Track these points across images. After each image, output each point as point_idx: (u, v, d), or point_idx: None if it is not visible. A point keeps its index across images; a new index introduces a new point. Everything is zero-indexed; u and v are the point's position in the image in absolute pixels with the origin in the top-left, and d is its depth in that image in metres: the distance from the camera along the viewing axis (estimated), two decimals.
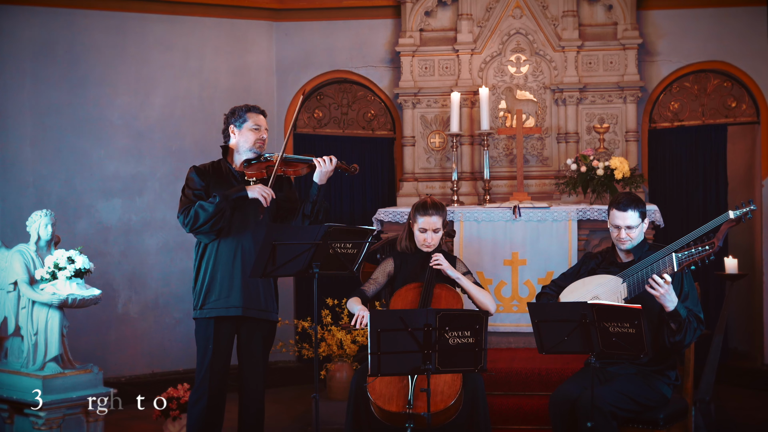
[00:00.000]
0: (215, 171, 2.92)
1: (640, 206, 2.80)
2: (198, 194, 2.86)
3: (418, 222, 3.01)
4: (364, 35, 4.86)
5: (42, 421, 3.11)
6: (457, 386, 2.72)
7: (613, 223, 2.81)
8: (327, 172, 2.83)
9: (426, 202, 3.03)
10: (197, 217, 2.79)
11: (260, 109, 2.96)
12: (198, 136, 4.77)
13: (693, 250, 2.61)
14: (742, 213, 2.79)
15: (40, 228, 3.28)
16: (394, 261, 3.09)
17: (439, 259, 2.99)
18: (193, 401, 2.89)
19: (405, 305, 2.93)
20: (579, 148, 4.62)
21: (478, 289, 3.04)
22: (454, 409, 2.74)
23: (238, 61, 4.83)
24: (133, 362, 4.54)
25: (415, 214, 3.02)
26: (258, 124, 2.91)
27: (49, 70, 4.40)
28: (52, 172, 4.41)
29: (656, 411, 2.76)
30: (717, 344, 3.72)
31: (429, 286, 2.94)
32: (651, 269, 2.67)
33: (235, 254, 2.83)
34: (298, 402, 4.28)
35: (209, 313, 2.86)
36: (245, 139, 2.90)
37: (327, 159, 2.82)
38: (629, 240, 2.78)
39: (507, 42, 4.72)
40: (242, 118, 2.91)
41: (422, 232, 3.00)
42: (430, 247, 3.01)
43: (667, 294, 2.62)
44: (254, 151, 2.91)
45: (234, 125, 2.93)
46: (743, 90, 4.68)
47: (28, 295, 3.21)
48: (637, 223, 2.78)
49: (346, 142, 4.95)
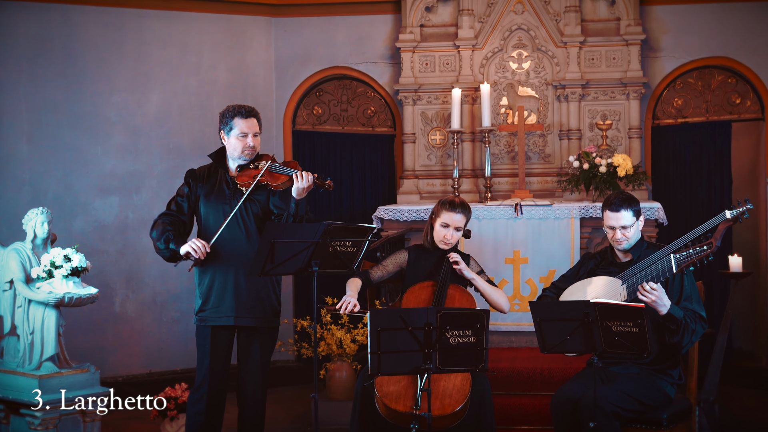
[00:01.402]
0: (210, 177, 2.89)
1: (633, 205, 2.78)
2: (180, 201, 2.88)
3: (442, 216, 2.99)
4: (363, 31, 4.83)
5: (38, 421, 3.08)
6: (466, 390, 2.72)
7: (608, 224, 2.79)
8: (304, 188, 2.76)
9: (454, 200, 3.02)
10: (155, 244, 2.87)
11: (248, 111, 2.84)
12: (196, 133, 4.74)
13: (691, 250, 2.60)
14: (739, 212, 2.80)
15: (36, 226, 3.25)
16: (409, 255, 3.06)
17: (457, 258, 2.97)
18: (192, 402, 2.89)
19: (418, 303, 2.90)
20: (581, 145, 4.60)
21: (493, 289, 3.03)
22: (462, 413, 2.72)
23: (237, 57, 4.80)
24: (130, 362, 4.52)
25: (441, 209, 3.00)
26: (245, 131, 2.82)
27: (45, 66, 4.38)
28: (49, 170, 4.39)
29: (659, 411, 2.74)
30: (721, 343, 3.70)
31: (443, 285, 2.92)
32: (650, 270, 2.66)
33: (229, 265, 2.82)
34: (298, 402, 4.27)
35: (204, 321, 2.86)
36: (233, 148, 2.85)
37: (304, 174, 2.75)
38: (625, 240, 2.77)
39: (508, 38, 4.69)
40: (229, 125, 2.84)
41: (444, 227, 2.98)
42: (449, 245, 2.99)
43: (658, 300, 2.61)
44: (244, 159, 2.85)
45: (223, 131, 2.88)
46: (748, 86, 4.65)
47: (24, 293, 3.19)
48: (632, 222, 2.76)
49: (346, 139, 4.93)
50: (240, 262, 2.80)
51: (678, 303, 2.72)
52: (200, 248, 2.76)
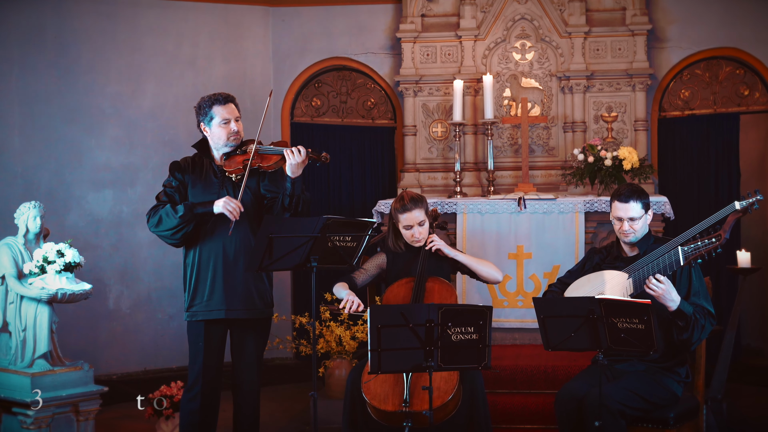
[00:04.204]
0: (195, 166, 2.82)
1: (642, 197, 2.75)
2: (170, 192, 2.78)
3: (400, 220, 2.95)
4: (363, 21, 4.80)
5: (31, 420, 3.06)
6: (453, 382, 2.68)
7: (616, 216, 2.75)
8: (298, 163, 2.69)
9: (402, 197, 2.97)
10: (161, 222, 2.74)
11: (225, 97, 2.78)
12: (191, 126, 4.61)
13: (699, 243, 2.56)
14: (749, 203, 2.76)
15: (28, 220, 3.24)
16: (387, 256, 3.05)
17: (434, 239, 2.93)
18: (186, 400, 2.84)
19: (397, 302, 2.88)
20: (586, 137, 4.56)
21: (479, 261, 2.98)
22: (452, 405, 2.69)
23: (233, 47, 4.76)
24: (124, 359, 4.51)
25: (396, 213, 2.96)
26: (226, 117, 2.76)
27: (37, 57, 4.35)
28: (41, 163, 4.36)
29: (666, 410, 2.71)
30: (729, 341, 3.64)
31: (421, 280, 2.89)
32: (657, 264, 2.62)
33: (217, 256, 2.77)
34: (296, 400, 4.22)
35: (194, 316, 2.81)
36: (218, 137, 2.78)
37: (296, 150, 2.68)
38: (632, 232, 2.73)
39: (512, 28, 4.63)
40: (208, 115, 2.77)
41: (407, 229, 2.94)
42: (421, 242, 2.95)
43: (666, 294, 2.57)
44: (230, 145, 2.80)
45: (203, 122, 2.80)
46: (756, 77, 4.60)
47: (16, 289, 3.17)
48: (640, 214, 2.73)
49: (345, 132, 4.88)
50: (230, 250, 2.75)
51: (686, 298, 2.68)
52: (236, 209, 2.66)
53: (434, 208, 3.14)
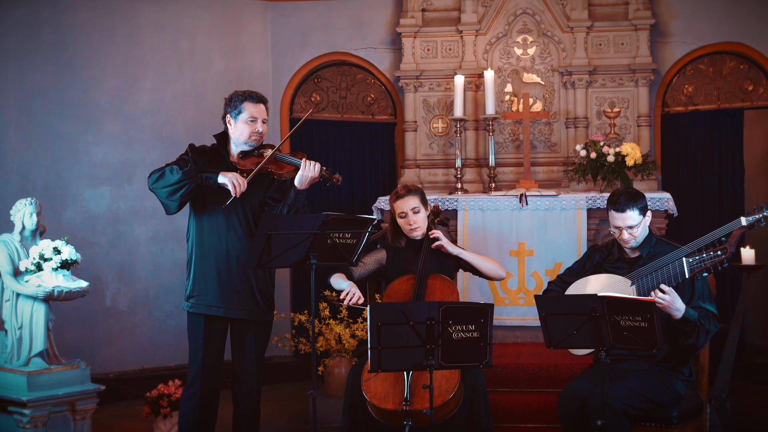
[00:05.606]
0: (211, 154, 2.81)
1: (639, 202, 2.72)
2: (185, 158, 2.73)
3: (395, 209, 2.96)
4: (363, 15, 4.77)
5: (27, 419, 3.05)
6: (455, 380, 2.67)
7: (614, 225, 2.75)
8: (309, 177, 2.70)
9: (397, 188, 2.99)
10: (162, 176, 2.68)
11: (258, 97, 2.81)
12: (190, 121, 4.64)
13: (704, 255, 2.55)
14: (755, 219, 2.75)
15: (24, 217, 3.23)
16: (387, 252, 3.04)
17: (437, 234, 2.93)
18: (184, 399, 2.83)
19: (398, 299, 2.87)
20: (588, 133, 4.52)
21: (482, 258, 2.99)
22: (453, 404, 2.69)
23: (232, 42, 4.72)
24: (121, 357, 4.49)
25: (391, 204, 2.98)
26: (254, 116, 2.77)
27: (34, 51, 4.32)
28: (37, 159, 4.34)
29: (669, 409, 2.70)
30: (733, 339, 3.62)
31: (422, 276, 2.87)
32: (661, 273, 2.60)
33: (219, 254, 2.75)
34: (295, 399, 4.20)
35: (194, 308, 2.80)
36: (240, 132, 2.78)
37: (312, 164, 2.69)
38: (633, 239, 2.72)
39: (513, 22, 4.59)
40: (237, 109, 2.78)
41: (402, 216, 2.94)
42: (417, 230, 2.94)
43: (671, 304, 2.57)
44: (250, 144, 2.80)
45: (230, 115, 2.80)
46: (761, 73, 4.57)
47: (12, 287, 3.16)
48: (638, 221, 2.71)
49: (345, 127, 4.86)
50: (233, 251, 2.74)
51: (690, 301, 2.67)
52: (241, 185, 2.64)
53: (436, 204, 3.11)
